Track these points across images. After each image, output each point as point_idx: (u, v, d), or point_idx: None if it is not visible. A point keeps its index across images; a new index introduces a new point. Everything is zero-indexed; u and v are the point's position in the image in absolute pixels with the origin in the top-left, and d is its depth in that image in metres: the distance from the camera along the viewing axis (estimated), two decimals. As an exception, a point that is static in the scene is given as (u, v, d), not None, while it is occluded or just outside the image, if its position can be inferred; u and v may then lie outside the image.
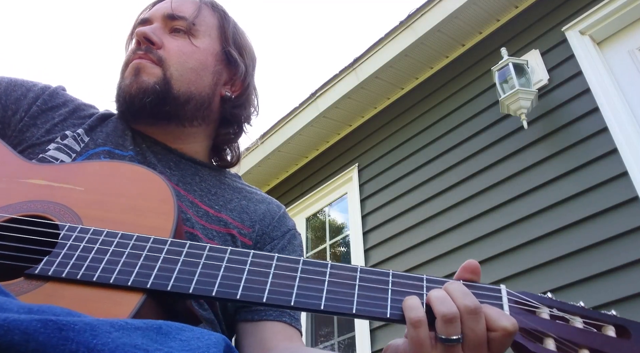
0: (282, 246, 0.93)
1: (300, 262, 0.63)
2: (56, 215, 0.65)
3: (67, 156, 0.81)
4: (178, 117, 0.91)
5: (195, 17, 0.93)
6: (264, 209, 0.96)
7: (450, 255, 2.92)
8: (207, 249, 0.62)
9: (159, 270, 0.59)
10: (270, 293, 0.59)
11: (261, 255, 0.63)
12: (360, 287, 0.60)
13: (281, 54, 35.98)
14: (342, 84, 3.83)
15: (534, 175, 2.71)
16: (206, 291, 0.58)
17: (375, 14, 37.52)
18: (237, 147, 1.07)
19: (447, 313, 0.54)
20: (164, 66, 0.87)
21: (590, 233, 2.36)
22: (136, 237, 0.62)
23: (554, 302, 0.60)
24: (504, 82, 2.85)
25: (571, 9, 2.90)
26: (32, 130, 0.83)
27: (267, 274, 0.60)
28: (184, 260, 0.61)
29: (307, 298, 0.59)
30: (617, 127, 2.43)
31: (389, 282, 0.62)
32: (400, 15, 8.54)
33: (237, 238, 0.88)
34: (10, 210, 0.65)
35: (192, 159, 0.94)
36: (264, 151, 4.40)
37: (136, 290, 0.58)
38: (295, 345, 0.81)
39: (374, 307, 0.59)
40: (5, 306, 0.38)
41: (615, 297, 2.16)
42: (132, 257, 0.60)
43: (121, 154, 0.85)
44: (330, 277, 0.61)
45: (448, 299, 0.56)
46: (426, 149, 3.40)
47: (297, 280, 0.60)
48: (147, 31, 0.87)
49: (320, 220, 4.39)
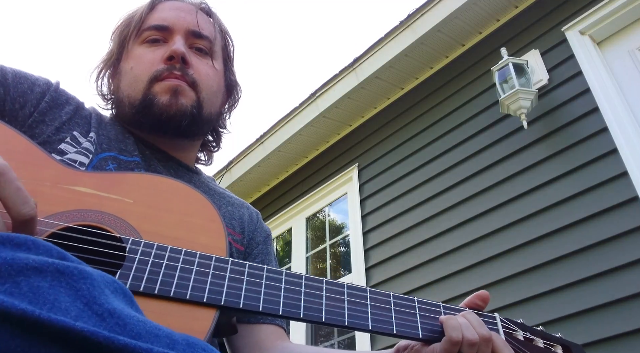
0: (265, 250, 0.99)
1: (345, 286, 0.71)
2: (112, 227, 0.66)
3: (86, 157, 0.81)
4: (196, 135, 0.94)
5: (215, 38, 0.96)
6: (247, 214, 1.00)
7: (450, 255, 2.92)
8: (266, 270, 0.68)
9: (228, 288, 0.64)
10: (327, 314, 0.67)
11: (311, 278, 0.70)
12: (396, 311, 0.71)
13: (281, 54, 35.98)
14: (342, 84, 3.83)
15: (533, 175, 2.71)
16: (273, 310, 0.65)
17: (375, 14, 37.51)
18: None
19: (471, 339, 0.68)
20: (197, 90, 0.89)
21: (590, 233, 2.36)
22: (199, 255, 0.66)
23: (525, 327, 0.80)
24: (504, 82, 2.85)
25: (571, 9, 2.90)
26: (41, 127, 0.82)
27: (321, 296, 0.68)
28: (247, 279, 0.66)
29: (357, 319, 0.68)
30: (617, 127, 2.43)
31: (416, 308, 0.73)
32: (400, 15, 8.55)
33: (232, 245, 0.90)
34: (64, 218, 0.64)
35: (187, 166, 0.97)
36: (264, 151, 4.40)
37: (210, 306, 0.62)
38: (287, 343, 0.89)
39: (409, 328, 0.71)
40: (174, 338, 0.40)
41: (615, 297, 2.16)
42: (200, 274, 0.64)
43: (126, 159, 0.85)
44: (371, 301, 0.71)
45: (470, 327, 0.69)
46: (426, 148, 3.41)
47: (345, 303, 0.69)
48: (185, 52, 0.88)
49: (320, 220, 4.40)
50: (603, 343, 2.13)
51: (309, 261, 4.26)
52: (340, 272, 3.99)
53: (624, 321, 2.10)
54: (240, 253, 0.93)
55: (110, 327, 0.36)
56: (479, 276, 2.70)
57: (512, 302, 2.50)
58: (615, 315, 2.14)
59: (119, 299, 0.41)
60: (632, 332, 2.07)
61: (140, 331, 0.37)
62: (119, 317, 0.37)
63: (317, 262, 4.29)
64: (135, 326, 0.37)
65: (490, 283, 2.62)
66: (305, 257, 4.24)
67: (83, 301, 0.37)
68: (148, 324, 0.39)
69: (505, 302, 2.52)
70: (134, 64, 0.89)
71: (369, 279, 3.33)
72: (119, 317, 0.37)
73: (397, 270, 3.17)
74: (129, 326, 0.37)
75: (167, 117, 0.85)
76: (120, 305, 0.39)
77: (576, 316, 2.26)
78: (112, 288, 0.41)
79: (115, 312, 0.37)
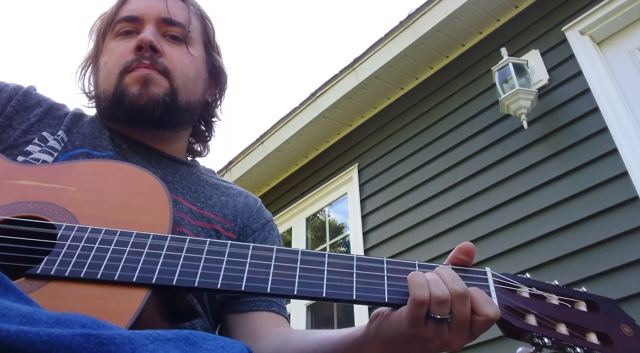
0: (263, 237, 0.96)
1: (299, 252, 0.64)
2: (50, 215, 0.65)
3: (50, 156, 0.80)
4: (174, 125, 0.92)
5: (189, 23, 0.94)
6: (243, 203, 0.98)
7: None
8: (208, 244, 0.63)
9: (163, 266, 0.60)
10: (274, 284, 0.61)
11: (261, 247, 0.64)
12: (358, 274, 0.63)
13: (281, 54, 35.97)
14: (342, 84, 3.83)
15: (533, 175, 2.71)
16: (211, 284, 0.60)
17: (375, 14, 37.51)
18: None
19: (440, 296, 0.58)
20: (170, 77, 0.87)
21: (590, 233, 2.36)
22: (136, 234, 0.63)
23: (532, 282, 0.66)
24: (504, 82, 2.85)
25: (571, 9, 2.90)
26: (7, 132, 0.82)
27: (268, 266, 0.62)
28: (185, 255, 0.62)
29: (309, 287, 0.61)
30: (617, 127, 2.43)
31: (384, 269, 0.64)
32: (400, 15, 8.54)
33: (221, 233, 0.89)
34: (2, 211, 0.65)
35: (172, 157, 0.95)
36: (264, 151, 4.40)
37: (141, 286, 0.58)
38: (281, 328, 0.85)
39: (372, 293, 0.62)
40: (36, 317, 0.38)
41: (615, 296, 2.16)
42: (134, 254, 0.61)
43: (100, 154, 0.84)
44: (328, 267, 0.63)
45: (441, 283, 0.59)
46: (426, 148, 3.41)
47: (297, 270, 0.62)
48: (153, 39, 0.86)
49: (320, 220, 4.39)
50: (603, 344, 2.13)
51: (309, 261, 4.25)
52: (340, 272, 3.99)
53: (624, 321, 2.10)
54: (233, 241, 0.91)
55: None
56: (479, 276, 2.70)
57: (512, 302, 2.50)
58: (615, 315, 2.14)
59: None
60: (632, 332, 2.07)
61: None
62: None
63: (317, 262, 4.28)
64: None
65: (490, 283, 2.62)
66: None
67: None
68: (23, 310, 0.38)
69: (505, 302, 2.52)
70: (108, 58, 0.89)
71: (369, 279, 3.33)
72: None
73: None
74: None
75: (139, 108, 0.84)
76: None
77: (576, 316, 2.26)
78: None
79: None
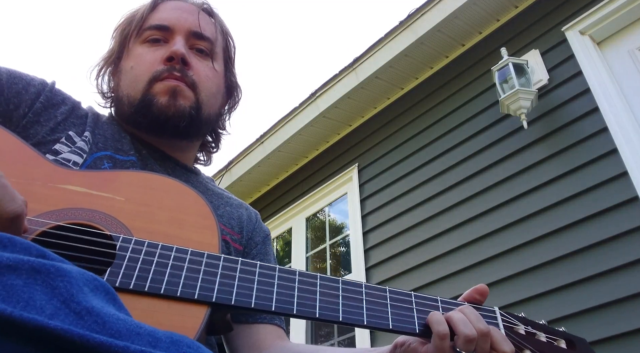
0: (264, 251, 0.99)
1: (339, 281, 0.70)
2: (103, 225, 0.65)
3: (80, 157, 0.80)
4: (193, 136, 0.94)
5: (216, 39, 0.96)
6: (246, 215, 1.00)
7: (450, 255, 2.91)
8: (259, 266, 0.67)
9: (220, 285, 0.63)
10: (321, 310, 0.66)
11: (305, 274, 0.69)
12: (392, 306, 0.70)
13: (281, 54, 35.99)
14: (342, 84, 3.83)
15: (533, 175, 2.71)
16: (266, 306, 0.64)
17: (375, 14, 37.51)
18: None
19: (469, 335, 0.66)
20: (196, 91, 0.89)
21: (590, 233, 2.35)
22: (191, 252, 0.65)
23: (527, 321, 0.78)
24: (504, 82, 2.85)
25: (571, 9, 2.89)
26: (35, 128, 0.81)
27: (314, 292, 0.68)
28: (239, 276, 0.65)
29: (351, 315, 0.67)
30: (617, 127, 2.43)
31: (413, 302, 0.72)
32: (400, 15, 8.53)
33: (230, 244, 0.90)
34: (54, 217, 0.64)
35: (185, 166, 0.97)
36: (264, 151, 4.40)
37: (201, 303, 0.61)
38: (285, 342, 0.89)
39: (405, 323, 0.70)
40: (156, 336, 0.40)
41: (615, 296, 2.15)
42: (192, 271, 0.63)
43: (122, 158, 0.85)
44: (366, 296, 0.70)
45: (468, 322, 0.67)
46: (426, 148, 3.40)
47: (340, 298, 0.68)
48: (185, 53, 0.88)
49: (320, 220, 4.39)
50: (603, 343, 2.12)
51: (309, 261, 4.25)
52: (340, 272, 3.99)
53: (624, 321, 2.09)
54: (239, 253, 0.93)
55: (88, 325, 0.36)
56: (478, 276, 2.70)
57: (512, 302, 2.50)
58: (616, 315, 2.13)
59: (100, 297, 0.40)
60: (632, 332, 2.06)
61: (120, 329, 0.37)
62: (98, 315, 0.37)
63: (317, 262, 4.28)
64: (115, 324, 0.37)
65: (490, 283, 2.61)
66: (305, 257, 4.24)
67: (60, 299, 0.36)
68: (129, 322, 0.38)
69: (505, 302, 2.51)
70: (134, 64, 0.89)
71: (369, 279, 3.32)
72: (98, 315, 0.37)
73: (397, 270, 3.17)
74: (108, 324, 0.37)
75: (166, 118, 0.85)
76: (100, 303, 0.39)
77: (576, 316, 2.25)
78: (92, 286, 0.40)
79: (94, 310, 0.37)
